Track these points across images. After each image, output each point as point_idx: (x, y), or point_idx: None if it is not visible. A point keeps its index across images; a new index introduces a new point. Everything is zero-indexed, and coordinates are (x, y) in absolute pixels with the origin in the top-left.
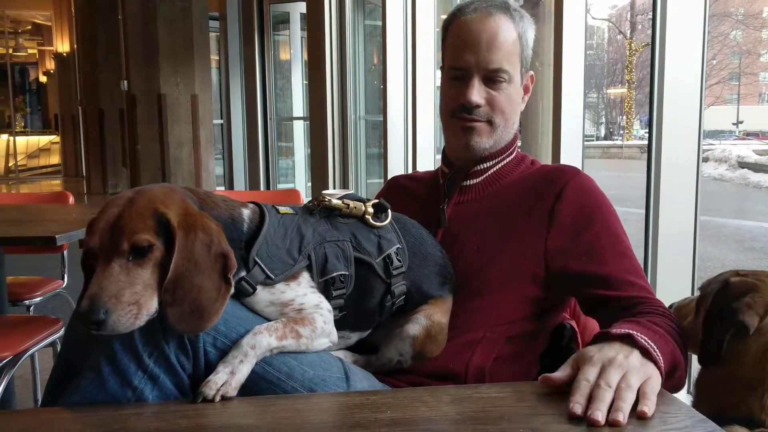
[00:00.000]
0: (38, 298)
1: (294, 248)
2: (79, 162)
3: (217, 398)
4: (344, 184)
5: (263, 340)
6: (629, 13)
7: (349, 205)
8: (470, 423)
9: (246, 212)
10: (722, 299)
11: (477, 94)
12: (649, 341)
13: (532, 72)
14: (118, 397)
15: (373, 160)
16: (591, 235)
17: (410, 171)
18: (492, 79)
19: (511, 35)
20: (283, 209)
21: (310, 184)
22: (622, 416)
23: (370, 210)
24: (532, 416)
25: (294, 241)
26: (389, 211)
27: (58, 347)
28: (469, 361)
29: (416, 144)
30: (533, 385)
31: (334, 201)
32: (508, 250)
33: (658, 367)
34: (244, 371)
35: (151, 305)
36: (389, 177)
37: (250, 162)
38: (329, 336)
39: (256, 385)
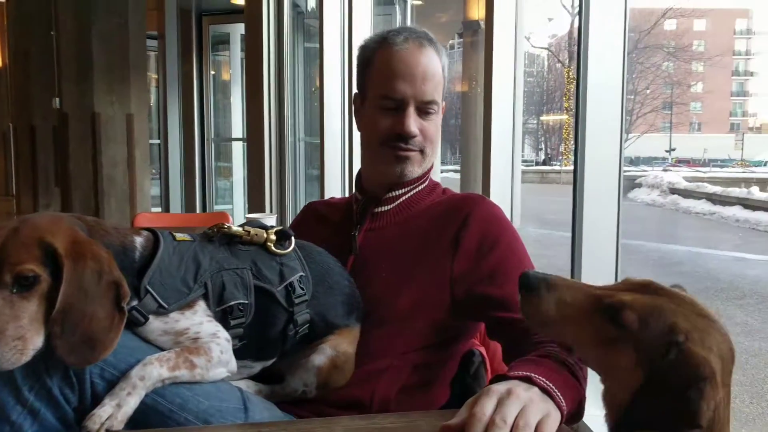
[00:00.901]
0: None
1: (189, 276)
2: (9, 181)
3: None
4: (281, 206)
5: (153, 371)
6: (567, 42)
7: (249, 232)
8: None
9: (138, 239)
10: (673, 374)
11: (413, 124)
12: (549, 383)
13: (444, 102)
14: None
15: (313, 182)
16: (494, 259)
17: (347, 194)
18: (425, 110)
19: (438, 68)
20: (180, 236)
21: (248, 206)
22: None
23: (273, 237)
24: None
25: (189, 269)
26: (293, 238)
27: None
28: (374, 390)
29: (353, 166)
30: (428, 415)
31: (234, 228)
32: (417, 278)
33: (559, 407)
34: (131, 404)
35: (38, 339)
36: (326, 198)
37: (187, 183)
38: (227, 365)
39: (146, 418)
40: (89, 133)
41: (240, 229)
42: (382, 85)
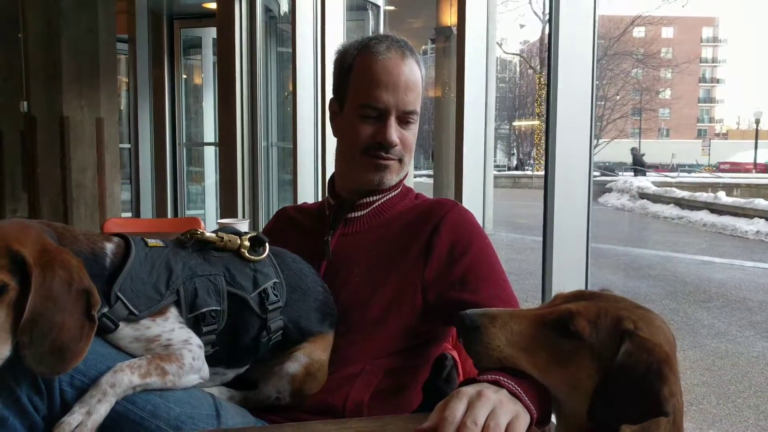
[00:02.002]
0: None
1: (161, 283)
2: None
3: None
4: (254, 211)
5: (124, 378)
6: (539, 49)
7: (223, 238)
8: None
9: (109, 246)
10: (639, 369)
11: (395, 134)
12: (516, 386)
13: None
14: None
15: (285, 187)
16: (465, 264)
17: (320, 198)
18: (405, 120)
19: (419, 78)
20: (152, 242)
21: (220, 211)
22: None
23: (246, 243)
24: None
25: (162, 276)
26: (267, 244)
27: None
28: (347, 395)
29: (326, 171)
30: (399, 419)
31: (207, 234)
32: (390, 283)
33: (528, 409)
34: (101, 411)
35: (5, 349)
36: (299, 203)
37: (158, 188)
38: (199, 372)
39: (117, 426)
40: (58, 138)
41: (213, 235)
42: (364, 93)
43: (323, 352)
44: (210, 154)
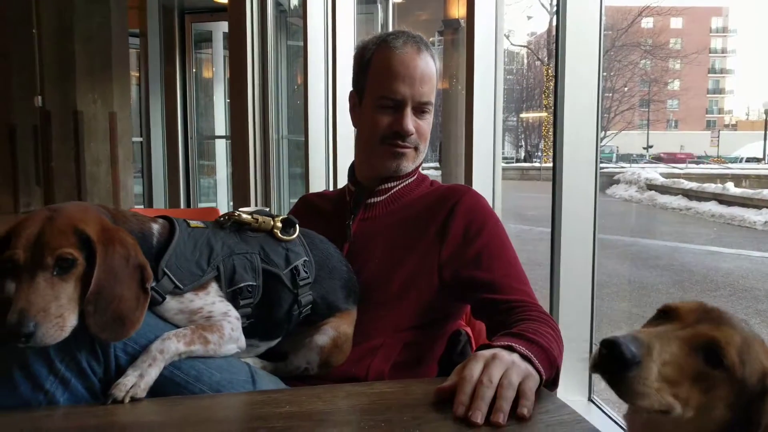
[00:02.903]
0: None
1: (203, 260)
2: None
3: (127, 399)
4: (266, 203)
5: (171, 345)
6: (546, 40)
7: (258, 219)
8: (360, 414)
9: (155, 226)
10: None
11: (411, 123)
12: (529, 351)
13: None
14: (30, 400)
15: (296, 180)
16: (479, 245)
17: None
18: (421, 110)
19: (434, 71)
20: (194, 223)
21: (232, 203)
22: (502, 417)
23: (279, 225)
24: (416, 406)
25: (203, 253)
26: (297, 226)
27: None
28: (369, 366)
29: (337, 163)
30: (421, 381)
31: (244, 216)
32: (408, 263)
33: (538, 371)
34: (152, 374)
35: (74, 317)
36: (319, 191)
37: (170, 180)
38: (237, 342)
39: (164, 388)
40: (71, 132)
41: (249, 216)
42: (381, 85)
43: (348, 326)
44: (221, 148)
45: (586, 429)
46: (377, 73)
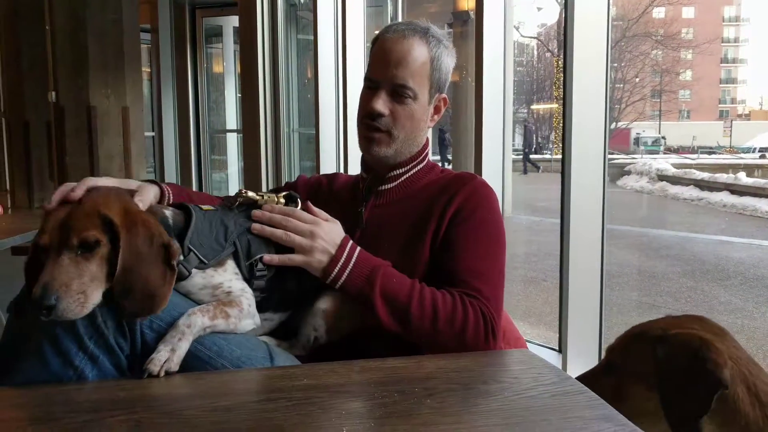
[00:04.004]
0: None
1: (221, 236)
2: (2, 175)
3: (162, 373)
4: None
5: (197, 320)
6: (556, 32)
7: (263, 196)
8: (374, 385)
9: (168, 212)
10: (681, 361)
11: (382, 104)
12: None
13: (445, 95)
14: (60, 376)
15: (307, 173)
16: (459, 231)
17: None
18: (398, 93)
19: (421, 56)
20: (205, 207)
21: None
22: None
23: (282, 201)
24: (427, 379)
25: (220, 231)
26: (298, 200)
27: None
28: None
29: (348, 157)
30: (433, 357)
31: (250, 194)
32: (413, 250)
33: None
34: (183, 348)
35: (97, 296)
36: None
37: (183, 175)
38: (253, 318)
39: (188, 363)
40: (85, 127)
41: (254, 194)
42: (368, 68)
43: None
44: (232, 142)
45: (589, 398)
46: (370, 58)
